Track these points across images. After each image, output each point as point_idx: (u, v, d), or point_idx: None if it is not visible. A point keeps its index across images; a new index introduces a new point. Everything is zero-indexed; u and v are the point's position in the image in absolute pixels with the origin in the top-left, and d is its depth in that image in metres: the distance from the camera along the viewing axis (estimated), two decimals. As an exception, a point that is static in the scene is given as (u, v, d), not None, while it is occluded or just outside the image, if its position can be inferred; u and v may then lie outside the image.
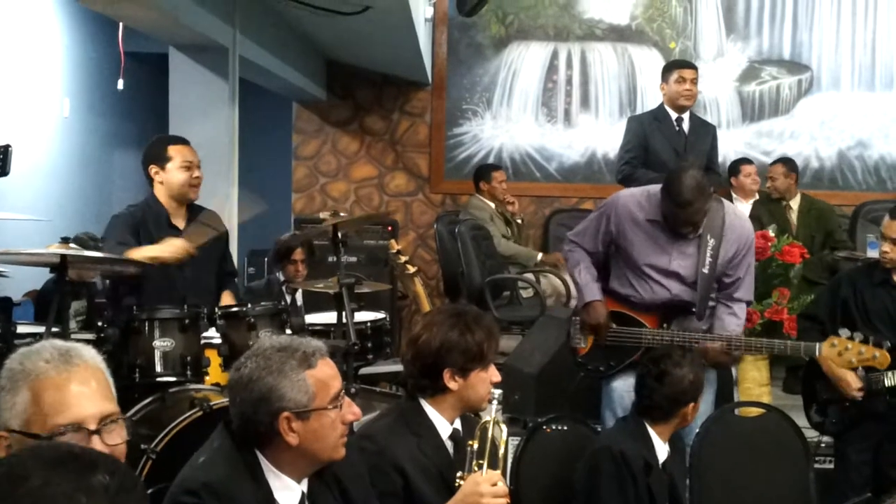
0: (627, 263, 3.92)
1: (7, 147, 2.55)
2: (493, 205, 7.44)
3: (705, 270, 3.82)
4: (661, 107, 5.60)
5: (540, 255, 7.34)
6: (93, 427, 1.77)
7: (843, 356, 3.76)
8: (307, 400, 2.16)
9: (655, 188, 3.90)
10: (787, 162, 7.27)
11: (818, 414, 4.20)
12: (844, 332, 3.82)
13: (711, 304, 3.93)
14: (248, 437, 2.19)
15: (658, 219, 3.84)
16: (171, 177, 3.98)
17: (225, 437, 2.22)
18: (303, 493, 2.24)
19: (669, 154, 5.37)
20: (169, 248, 3.81)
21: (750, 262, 3.96)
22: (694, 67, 5.63)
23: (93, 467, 1.33)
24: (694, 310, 3.86)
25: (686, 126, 5.53)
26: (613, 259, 4.00)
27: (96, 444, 1.75)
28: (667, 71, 5.61)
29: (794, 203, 7.03)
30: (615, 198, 4.03)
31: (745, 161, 7.32)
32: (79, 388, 1.79)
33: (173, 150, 3.99)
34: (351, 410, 2.25)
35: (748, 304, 4.00)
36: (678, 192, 3.70)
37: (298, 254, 5.78)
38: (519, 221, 7.76)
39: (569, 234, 4.15)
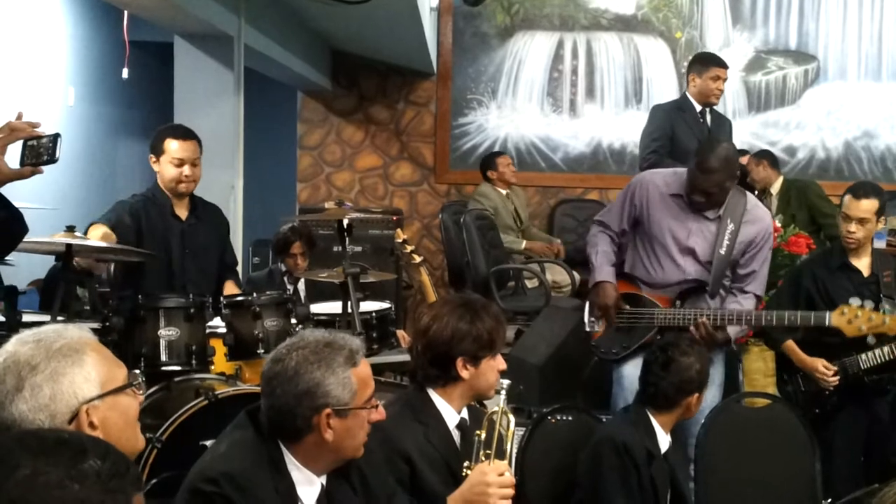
0: (646, 237, 3.95)
1: (57, 135, 2.58)
2: (504, 192, 7.42)
3: (722, 252, 3.85)
4: (684, 97, 5.54)
5: (524, 243, 7.32)
6: None
7: (853, 323, 3.75)
8: (349, 398, 2.17)
9: (682, 168, 3.95)
10: (754, 155, 7.17)
11: (800, 406, 4.16)
12: (855, 301, 3.82)
13: (723, 291, 3.94)
14: (280, 429, 2.17)
15: (681, 193, 3.88)
16: (162, 169, 4.02)
17: (248, 428, 2.20)
18: (322, 486, 2.24)
19: (693, 144, 5.27)
20: (96, 235, 3.80)
21: (766, 257, 3.97)
22: (727, 66, 5.50)
23: (83, 452, 1.30)
24: (708, 289, 3.87)
25: (708, 118, 5.50)
26: (631, 241, 4.03)
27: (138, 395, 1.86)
28: (702, 65, 5.44)
29: (775, 189, 7.02)
30: (641, 174, 4.11)
31: None
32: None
33: (168, 144, 3.99)
34: (378, 411, 2.26)
35: (758, 299, 4.00)
36: (706, 156, 3.75)
37: (297, 247, 5.73)
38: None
39: (595, 216, 4.18)
